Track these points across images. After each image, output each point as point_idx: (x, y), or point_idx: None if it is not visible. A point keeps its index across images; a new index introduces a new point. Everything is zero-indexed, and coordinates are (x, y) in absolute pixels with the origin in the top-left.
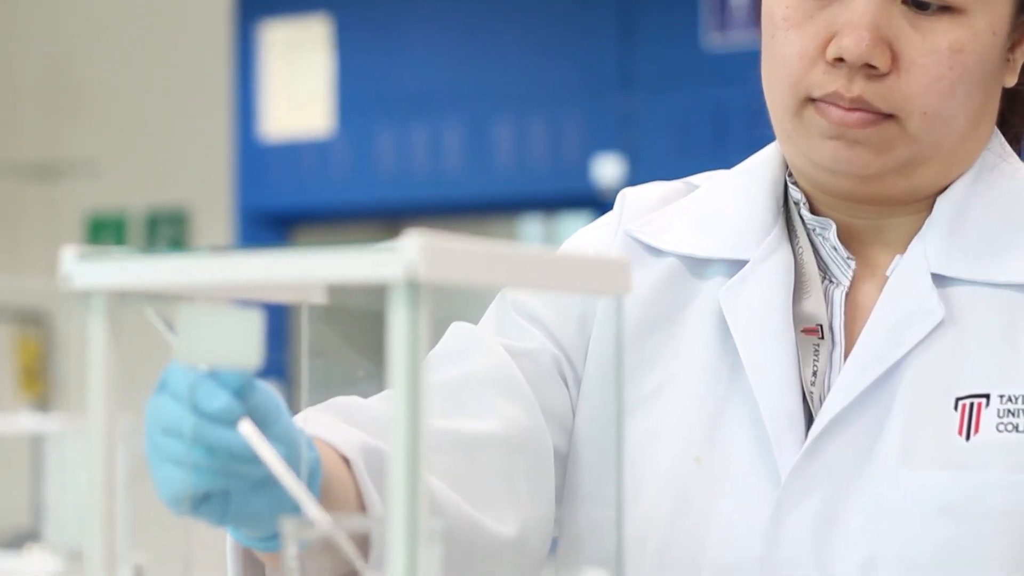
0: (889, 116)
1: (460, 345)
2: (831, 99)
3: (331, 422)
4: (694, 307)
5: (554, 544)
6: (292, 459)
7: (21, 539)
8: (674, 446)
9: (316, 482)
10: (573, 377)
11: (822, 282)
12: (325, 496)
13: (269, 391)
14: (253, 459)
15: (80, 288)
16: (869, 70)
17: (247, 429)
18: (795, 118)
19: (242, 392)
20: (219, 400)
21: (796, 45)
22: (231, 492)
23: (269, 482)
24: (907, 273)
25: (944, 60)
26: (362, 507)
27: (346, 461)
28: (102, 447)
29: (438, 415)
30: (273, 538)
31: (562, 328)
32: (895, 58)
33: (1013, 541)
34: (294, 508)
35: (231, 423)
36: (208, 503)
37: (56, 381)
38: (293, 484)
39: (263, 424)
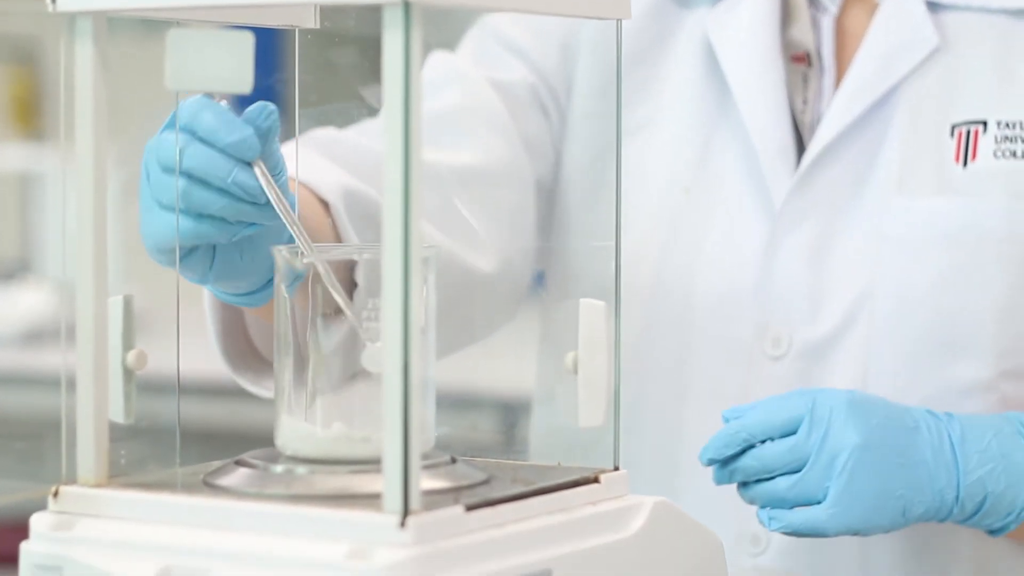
0: None
1: (439, 77)
2: None
3: (313, 161)
4: (680, 37)
5: (543, 277)
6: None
7: (12, 270)
8: (662, 178)
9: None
10: (555, 106)
11: (808, 9)
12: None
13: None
14: (257, 202)
15: (65, 10)
16: None
17: (260, 169)
18: None
19: (263, 134)
20: (239, 132)
21: None
22: (217, 248)
23: (255, 239)
24: None
25: None
26: None
27: (325, 204)
28: (91, 174)
29: None
30: (252, 293)
31: (543, 56)
32: None
33: (1009, 267)
34: (272, 268)
35: (246, 159)
36: (193, 256)
37: (51, 118)
38: (299, 231)
39: (272, 173)
